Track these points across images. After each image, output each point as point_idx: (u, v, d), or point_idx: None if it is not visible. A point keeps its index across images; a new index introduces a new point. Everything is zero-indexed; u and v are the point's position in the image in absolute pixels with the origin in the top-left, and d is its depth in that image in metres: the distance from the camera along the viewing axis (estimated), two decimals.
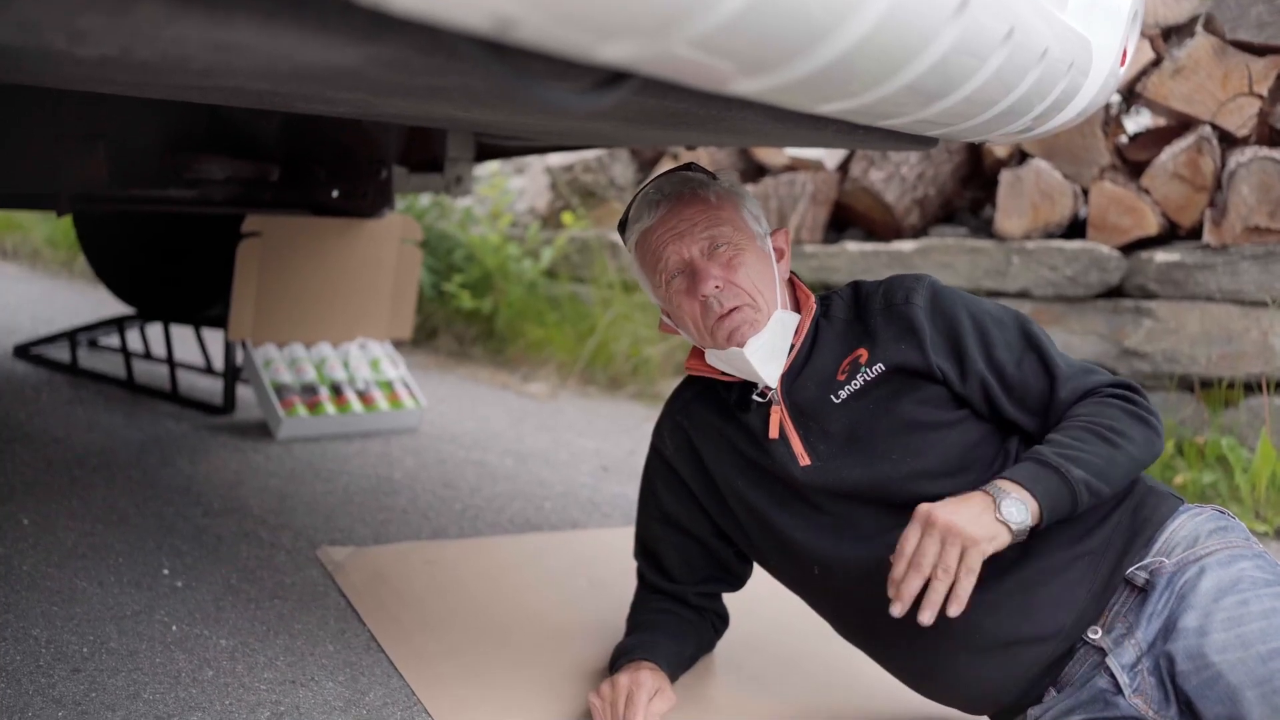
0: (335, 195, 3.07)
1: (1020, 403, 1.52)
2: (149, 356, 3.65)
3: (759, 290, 1.56)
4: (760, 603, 1.96)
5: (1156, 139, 3.32)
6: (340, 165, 3.02)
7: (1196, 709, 1.33)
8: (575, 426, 3.51)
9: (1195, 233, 3.14)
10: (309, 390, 3.11)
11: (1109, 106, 3.33)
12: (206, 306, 3.37)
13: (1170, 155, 3.14)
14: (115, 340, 3.80)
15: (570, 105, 0.77)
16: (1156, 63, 3.18)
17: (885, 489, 1.52)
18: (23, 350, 3.70)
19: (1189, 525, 1.45)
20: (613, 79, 0.79)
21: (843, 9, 0.82)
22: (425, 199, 4.71)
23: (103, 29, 0.69)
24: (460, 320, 4.56)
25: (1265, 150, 2.98)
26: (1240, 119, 3.08)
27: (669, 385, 3.80)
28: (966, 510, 1.36)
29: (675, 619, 1.75)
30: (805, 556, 1.58)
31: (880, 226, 3.76)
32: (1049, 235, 3.33)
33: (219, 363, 3.46)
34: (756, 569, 1.81)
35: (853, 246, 3.66)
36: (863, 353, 1.55)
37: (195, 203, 2.87)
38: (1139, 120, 3.50)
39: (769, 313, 1.56)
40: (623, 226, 1.67)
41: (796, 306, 1.64)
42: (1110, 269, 3.17)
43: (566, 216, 4.44)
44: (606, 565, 2.24)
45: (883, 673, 1.64)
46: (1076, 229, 3.36)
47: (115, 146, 2.55)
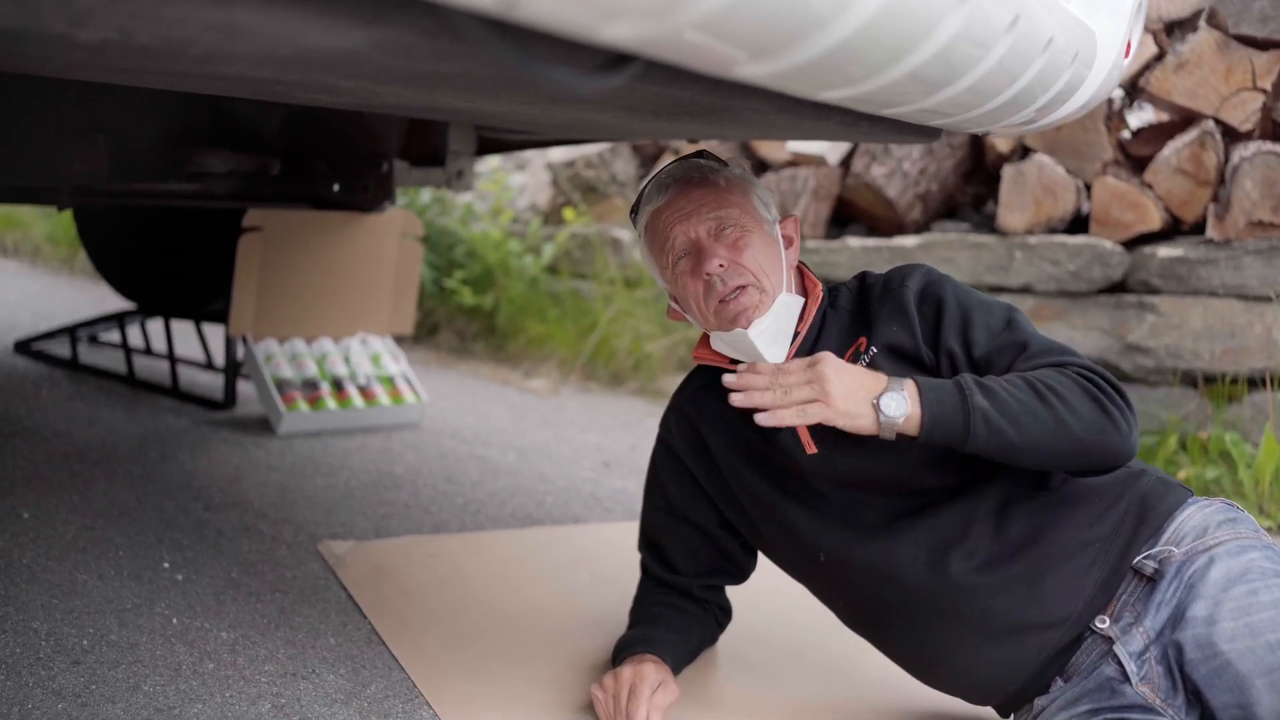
0: (336, 189, 3.06)
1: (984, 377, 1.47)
2: (149, 352, 3.65)
3: (765, 272, 1.55)
4: (763, 596, 1.95)
5: (1159, 134, 3.31)
6: (341, 159, 3.02)
7: (1204, 697, 1.34)
8: (577, 422, 3.50)
9: (1198, 228, 3.14)
10: (310, 385, 3.11)
11: (1112, 101, 3.32)
12: (207, 301, 3.37)
13: (1173, 150, 3.14)
14: (116, 336, 3.79)
15: (575, 87, 0.77)
16: (1159, 57, 3.17)
17: (891, 478, 1.52)
18: (23, 346, 3.70)
19: (1198, 516, 1.45)
20: (617, 61, 0.79)
21: None
22: (426, 195, 4.71)
23: (103, 10, 0.69)
24: (461, 316, 4.55)
25: (1269, 145, 2.98)
26: (1243, 113, 3.07)
27: (671, 381, 3.80)
28: (852, 379, 1.38)
29: (678, 612, 1.75)
30: (812, 544, 1.58)
31: (882, 222, 3.75)
32: (1052, 230, 3.32)
33: (220, 358, 3.46)
34: (760, 563, 1.81)
35: (855, 242, 3.65)
36: (863, 340, 1.55)
37: (196, 196, 2.87)
38: (1142, 115, 3.49)
39: (774, 295, 1.56)
40: (635, 211, 1.68)
41: (804, 294, 1.63)
42: (1113, 264, 3.16)
43: (568, 212, 4.44)
44: (608, 559, 2.24)
45: (887, 666, 1.64)
46: (1079, 224, 3.35)
47: (116, 140, 2.54)
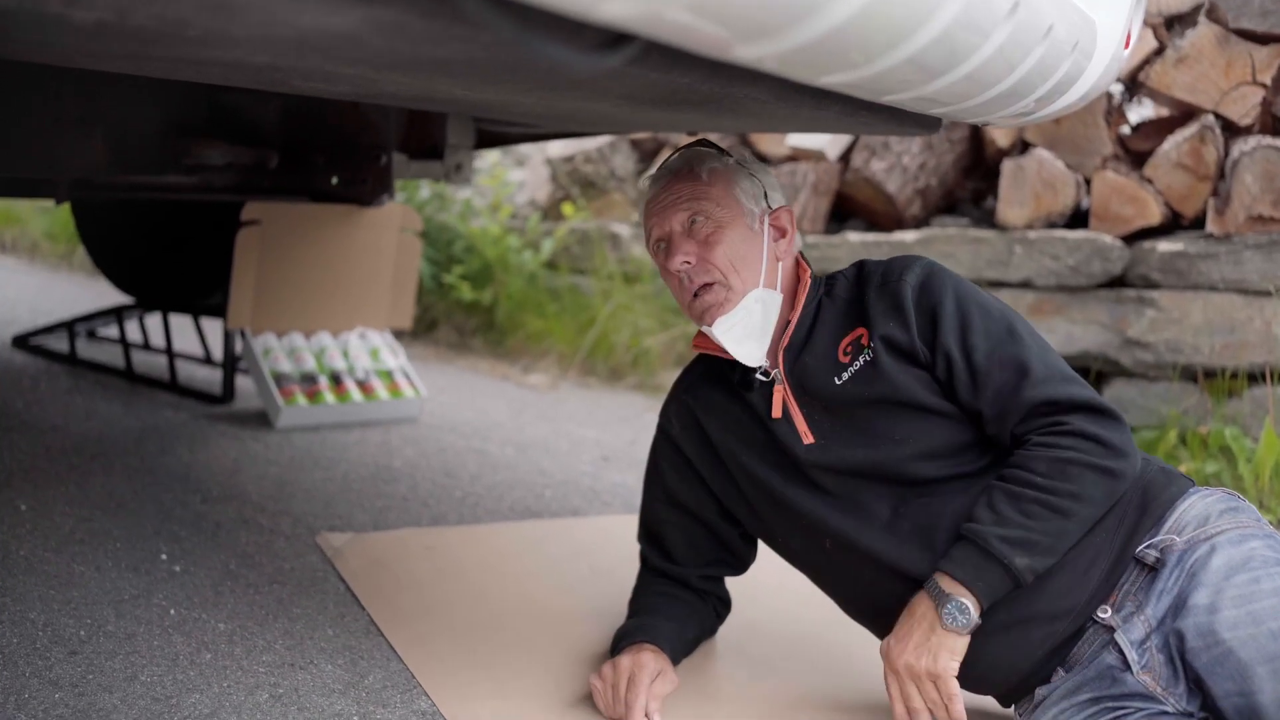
0: (335, 182, 3.06)
1: (979, 391, 1.47)
2: (148, 346, 3.64)
3: (734, 269, 1.56)
4: (763, 589, 1.95)
5: (1159, 129, 3.31)
6: (340, 151, 3.01)
7: (1206, 685, 1.33)
8: (575, 417, 3.50)
9: (1198, 222, 3.14)
10: (308, 379, 3.11)
11: (1111, 96, 3.31)
12: (205, 295, 3.37)
13: (1173, 144, 3.13)
14: (114, 330, 3.79)
15: (574, 66, 0.77)
16: (1159, 52, 3.17)
17: (888, 469, 1.52)
18: (21, 340, 3.69)
19: (1200, 505, 1.45)
20: (616, 40, 0.78)
21: None
22: (425, 191, 4.70)
23: None
24: (460, 312, 4.55)
25: (1268, 139, 2.97)
26: (1243, 108, 3.07)
27: (669, 376, 3.79)
28: (918, 637, 1.43)
29: (678, 602, 1.75)
30: (817, 530, 1.58)
31: (882, 217, 3.75)
32: (1051, 225, 3.32)
33: (218, 352, 3.45)
34: (761, 554, 1.80)
35: (854, 237, 3.65)
36: (863, 333, 1.55)
37: (194, 189, 2.86)
38: (1141, 110, 3.48)
39: (743, 292, 1.56)
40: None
41: (796, 286, 1.63)
42: (1113, 259, 3.16)
43: (567, 208, 4.44)
44: (607, 552, 2.23)
45: None
46: (1079, 219, 3.35)
47: (114, 132, 2.53)
